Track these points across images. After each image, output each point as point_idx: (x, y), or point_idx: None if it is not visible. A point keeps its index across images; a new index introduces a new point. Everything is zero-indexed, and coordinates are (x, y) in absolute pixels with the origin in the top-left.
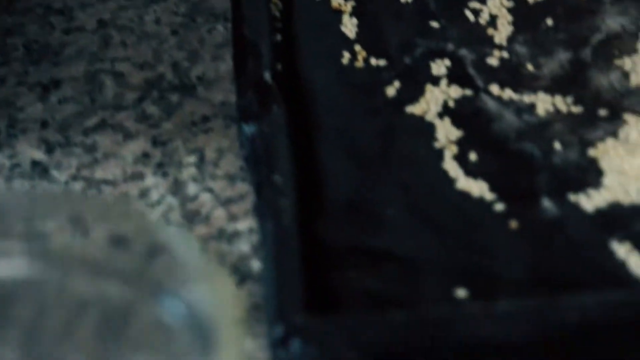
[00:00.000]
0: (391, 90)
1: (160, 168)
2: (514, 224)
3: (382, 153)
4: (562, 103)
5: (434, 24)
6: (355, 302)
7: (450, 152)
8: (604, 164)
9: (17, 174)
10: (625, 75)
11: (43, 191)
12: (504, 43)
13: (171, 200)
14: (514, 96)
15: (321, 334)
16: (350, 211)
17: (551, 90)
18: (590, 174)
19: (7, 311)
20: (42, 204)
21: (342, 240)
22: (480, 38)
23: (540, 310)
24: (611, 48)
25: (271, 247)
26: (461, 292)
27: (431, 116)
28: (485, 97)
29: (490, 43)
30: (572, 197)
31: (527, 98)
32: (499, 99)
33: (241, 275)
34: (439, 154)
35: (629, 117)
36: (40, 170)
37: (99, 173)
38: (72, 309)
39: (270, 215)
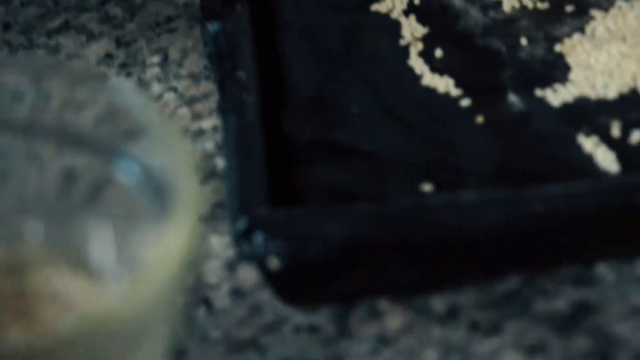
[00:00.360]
0: None
1: (124, 68)
2: (480, 119)
3: (347, 50)
4: None
5: None
6: (320, 196)
7: (415, 49)
8: (570, 59)
9: None
10: None
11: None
12: None
13: None
14: None
15: (285, 226)
16: (314, 107)
17: None
18: (556, 69)
19: None
20: (5, 69)
21: (306, 135)
22: None
23: (506, 200)
24: None
25: (234, 141)
26: (427, 187)
27: (396, 14)
28: None
29: None
30: (539, 92)
31: None
32: None
33: (205, 173)
34: (405, 51)
35: (595, 13)
36: None
37: None
38: (31, 175)
39: (233, 111)
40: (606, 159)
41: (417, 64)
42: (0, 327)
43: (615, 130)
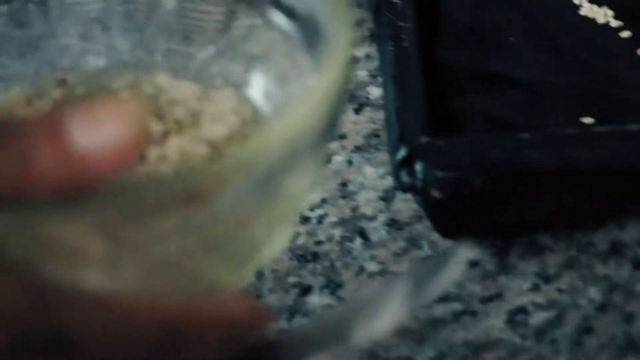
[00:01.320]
0: None
1: None
2: None
3: None
4: None
5: None
6: (478, 125)
7: None
8: None
9: None
10: None
11: None
12: None
13: None
14: None
15: (446, 155)
16: (471, 36)
17: None
18: None
19: None
20: None
21: (463, 65)
22: None
23: None
24: None
25: (392, 69)
26: (587, 120)
27: None
28: None
29: None
30: None
31: None
32: None
33: (359, 102)
34: None
35: None
36: None
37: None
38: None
39: (390, 38)
40: None
41: None
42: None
43: None
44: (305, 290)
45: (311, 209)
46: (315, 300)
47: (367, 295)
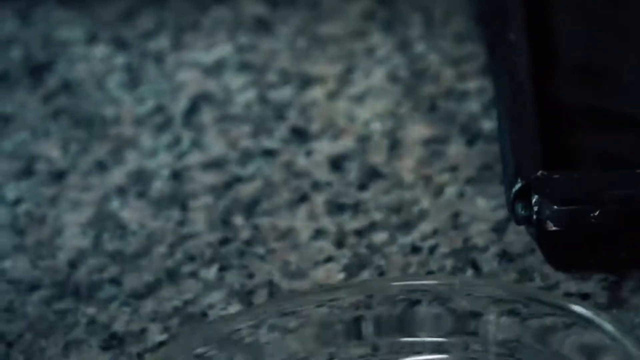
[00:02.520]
0: None
1: (388, 28)
2: None
3: (620, 15)
4: None
5: None
6: (593, 163)
7: None
8: None
9: (241, 30)
10: None
11: None
12: None
13: (398, 58)
14: None
15: (562, 189)
16: (585, 73)
17: None
18: None
19: None
20: None
21: (577, 102)
22: None
23: None
24: None
25: (508, 104)
26: None
27: None
28: None
29: None
30: None
31: None
32: None
33: (471, 134)
34: None
35: None
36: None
37: (324, 29)
38: None
39: (505, 72)
40: None
41: None
42: None
43: None
44: None
45: (423, 239)
46: None
47: None
